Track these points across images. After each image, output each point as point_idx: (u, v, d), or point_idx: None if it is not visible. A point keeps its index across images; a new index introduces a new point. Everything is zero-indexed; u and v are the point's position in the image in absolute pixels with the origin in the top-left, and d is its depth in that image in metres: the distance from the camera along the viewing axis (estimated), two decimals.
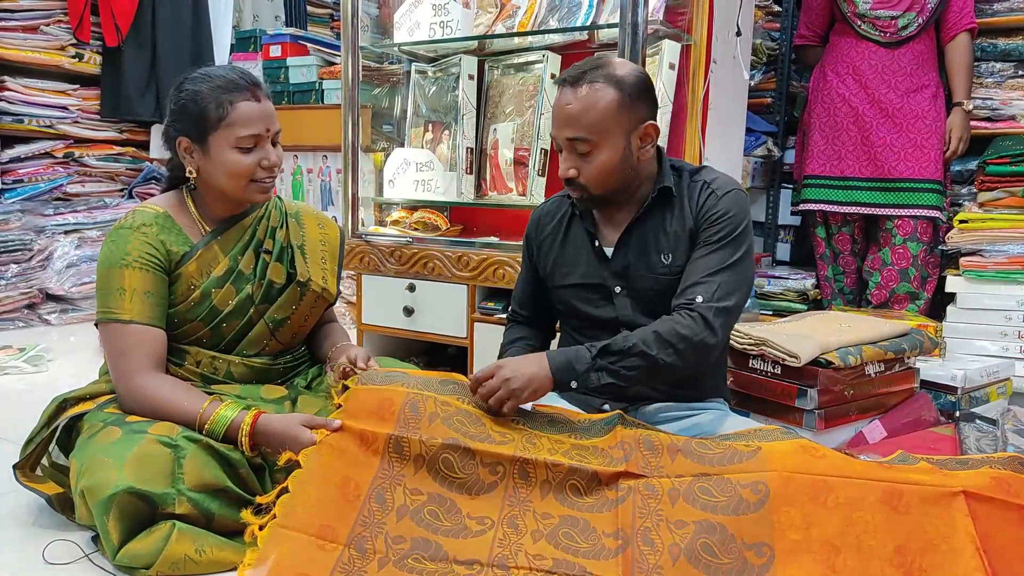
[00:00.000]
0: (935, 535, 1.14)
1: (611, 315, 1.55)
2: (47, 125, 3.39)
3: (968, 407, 2.04)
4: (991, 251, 2.59)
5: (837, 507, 1.17)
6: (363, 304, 2.49)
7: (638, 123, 1.46)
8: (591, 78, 1.44)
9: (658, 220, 1.53)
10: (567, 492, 1.27)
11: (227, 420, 1.37)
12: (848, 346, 1.80)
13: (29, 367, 2.56)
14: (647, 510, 1.23)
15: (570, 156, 1.47)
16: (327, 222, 1.76)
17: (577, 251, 1.59)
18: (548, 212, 1.68)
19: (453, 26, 2.38)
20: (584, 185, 1.48)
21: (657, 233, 1.52)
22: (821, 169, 2.83)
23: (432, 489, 1.28)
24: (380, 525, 1.23)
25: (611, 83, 1.43)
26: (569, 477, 1.27)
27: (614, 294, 1.55)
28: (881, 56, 2.69)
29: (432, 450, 1.29)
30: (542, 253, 1.65)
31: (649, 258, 1.52)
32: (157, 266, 1.48)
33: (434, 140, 2.58)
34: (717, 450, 1.27)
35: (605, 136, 1.44)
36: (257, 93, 1.49)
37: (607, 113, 1.43)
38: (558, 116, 1.47)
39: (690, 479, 1.24)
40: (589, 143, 1.44)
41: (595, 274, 1.56)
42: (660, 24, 2.07)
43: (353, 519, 1.23)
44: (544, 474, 1.28)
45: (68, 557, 1.31)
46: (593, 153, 1.45)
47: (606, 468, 1.27)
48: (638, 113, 1.46)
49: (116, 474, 1.24)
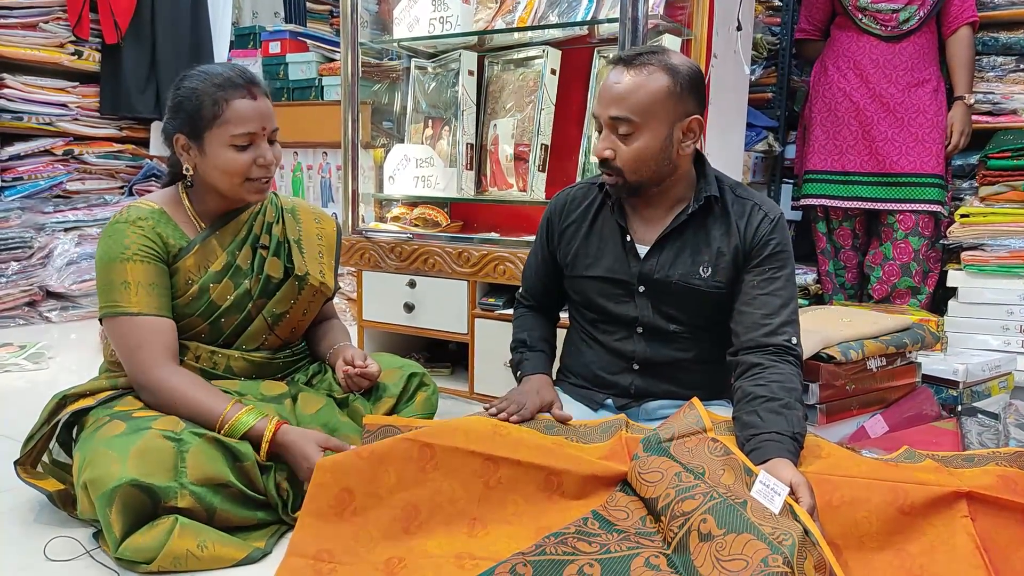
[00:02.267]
0: (935, 537, 1.14)
1: (631, 313, 1.54)
2: (47, 122, 3.39)
3: (970, 401, 2.04)
4: (992, 245, 2.58)
5: (841, 507, 1.17)
6: (364, 300, 2.48)
7: (684, 115, 1.44)
8: (646, 60, 1.43)
9: (701, 230, 1.51)
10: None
11: (247, 426, 1.39)
12: (849, 341, 1.80)
13: (30, 364, 2.56)
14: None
15: (609, 136, 1.45)
16: (324, 217, 1.75)
17: (603, 243, 1.57)
18: (575, 198, 1.63)
19: (453, 21, 2.37)
20: (619, 168, 1.46)
21: (699, 243, 1.51)
22: (822, 164, 2.83)
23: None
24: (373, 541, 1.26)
25: (665, 69, 1.42)
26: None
27: (636, 293, 1.53)
28: (882, 50, 2.69)
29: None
30: (564, 240, 1.62)
31: (687, 267, 1.50)
32: (157, 257, 1.48)
33: (434, 136, 2.58)
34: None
35: (649, 120, 1.42)
36: (253, 91, 1.49)
37: (656, 97, 1.41)
38: (605, 94, 1.45)
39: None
40: (632, 124, 1.42)
41: (621, 270, 1.54)
42: (660, 19, 2.07)
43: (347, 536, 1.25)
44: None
45: (69, 553, 1.31)
46: (633, 136, 1.43)
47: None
48: (685, 105, 1.44)
49: (119, 467, 1.24)
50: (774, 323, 1.43)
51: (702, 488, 1.14)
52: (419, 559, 1.19)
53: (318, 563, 1.19)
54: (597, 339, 1.60)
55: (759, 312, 1.44)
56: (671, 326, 1.53)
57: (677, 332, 1.54)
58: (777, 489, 1.10)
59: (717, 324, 1.53)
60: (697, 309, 1.52)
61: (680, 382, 1.56)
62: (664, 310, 1.53)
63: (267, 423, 1.40)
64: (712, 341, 1.55)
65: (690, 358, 1.55)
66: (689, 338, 1.54)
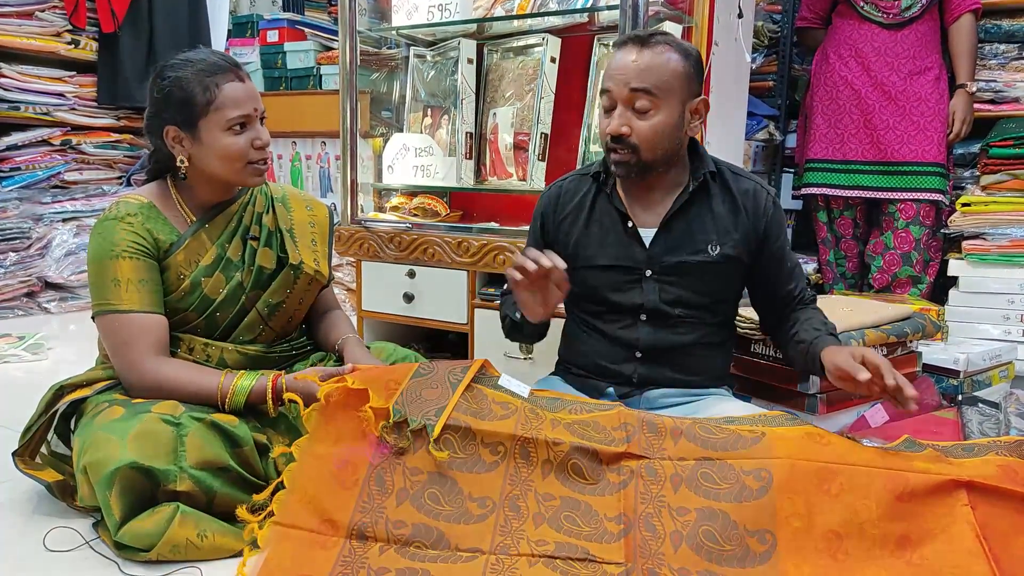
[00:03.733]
0: (934, 524, 1.14)
1: (636, 300, 1.54)
2: (44, 112, 3.37)
3: (971, 391, 2.04)
4: (994, 234, 2.57)
5: (841, 495, 1.17)
6: (363, 291, 2.48)
7: (693, 95, 1.48)
8: (661, 39, 1.46)
9: (705, 208, 1.53)
10: (568, 473, 1.26)
11: (247, 389, 1.42)
12: (851, 330, 1.79)
13: (28, 355, 2.56)
14: (649, 495, 1.22)
15: (625, 112, 1.45)
16: (315, 204, 1.74)
17: (604, 232, 1.56)
18: (568, 190, 1.63)
19: (452, 9, 2.35)
20: (635, 145, 1.45)
21: (703, 221, 1.53)
22: (823, 153, 2.81)
23: (432, 468, 1.26)
24: (380, 510, 1.22)
25: (678, 50, 1.46)
26: (570, 457, 1.26)
27: (644, 278, 1.53)
28: (884, 38, 2.67)
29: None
30: (561, 232, 1.60)
31: (695, 244, 1.52)
32: (147, 254, 1.47)
33: (433, 125, 2.57)
34: (721, 435, 1.26)
35: (668, 96, 1.44)
36: (240, 74, 1.48)
37: (675, 74, 1.44)
38: (620, 71, 1.44)
39: (693, 463, 1.23)
40: (652, 99, 1.43)
41: (626, 256, 1.54)
42: (661, 6, 2.05)
43: (352, 506, 1.22)
44: (545, 453, 1.27)
45: (69, 544, 1.31)
46: (652, 112, 1.44)
47: (607, 448, 1.26)
48: (694, 86, 1.48)
49: (119, 450, 1.24)
50: (796, 290, 1.61)
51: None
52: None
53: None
54: (598, 328, 1.59)
55: (785, 287, 1.60)
56: (676, 310, 1.53)
57: (681, 316, 1.54)
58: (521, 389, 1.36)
59: (721, 303, 1.57)
60: (705, 288, 1.53)
61: (682, 368, 1.56)
62: (671, 292, 1.53)
63: (266, 380, 1.44)
64: (715, 323, 1.57)
65: (692, 342, 1.55)
66: (693, 321, 1.55)
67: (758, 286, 1.62)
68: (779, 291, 1.60)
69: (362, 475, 1.25)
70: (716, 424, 1.30)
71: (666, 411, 1.52)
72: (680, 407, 1.54)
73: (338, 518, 1.21)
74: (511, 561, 1.17)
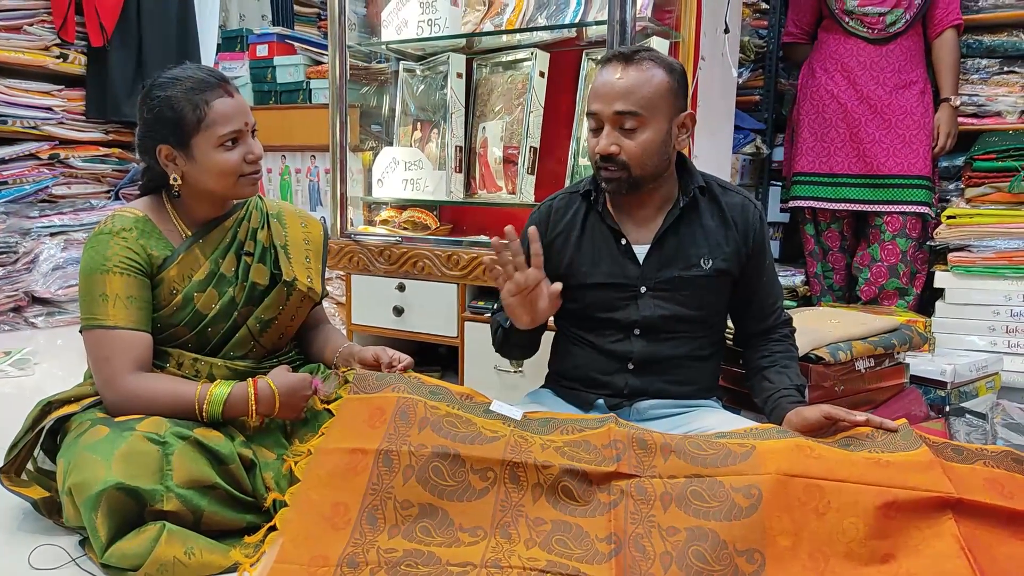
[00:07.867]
0: (920, 540, 1.14)
1: (632, 317, 1.54)
2: (32, 126, 3.35)
3: (958, 402, 2.05)
4: (979, 246, 2.60)
5: (828, 513, 1.17)
6: (352, 304, 2.47)
7: (679, 111, 1.49)
8: (644, 56, 1.46)
9: (695, 222, 1.55)
10: (559, 495, 1.26)
11: (223, 396, 1.41)
12: (838, 342, 1.80)
13: (15, 370, 2.53)
14: (639, 515, 1.22)
15: (612, 132, 1.46)
16: (310, 220, 1.74)
17: (597, 250, 1.57)
18: (558, 209, 1.63)
19: (441, 24, 2.36)
20: (624, 163, 1.46)
21: (694, 236, 1.54)
22: (810, 166, 2.84)
23: (423, 499, 1.25)
24: (371, 543, 1.22)
25: (662, 65, 1.46)
26: (560, 479, 1.26)
27: (639, 294, 1.54)
28: (869, 53, 2.70)
29: (421, 460, 1.27)
30: (553, 251, 1.60)
31: (688, 259, 1.53)
32: (138, 270, 1.46)
33: (423, 139, 2.57)
34: (711, 450, 1.26)
35: (654, 114, 1.45)
36: (228, 88, 1.48)
37: (660, 91, 1.45)
38: (605, 90, 1.45)
39: (683, 480, 1.23)
40: (638, 118, 1.44)
41: (621, 273, 1.54)
42: (648, 21, 2.07)
43: (344, 544, 1.22)
44: (535, 477, 1.27)
45: (55, 562, 1.30)
46: (639, 130, 1.45)
47: (597, 468, 1.26)
48: (680, 101, 1.49)
49: (104, 471, 1.23)
50: (777, 307, 1.63)
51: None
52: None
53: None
54: (591, 342, 1.59)
55: (766, 302, 1.61)
56: (670, 323, 1.54)
57: (675, 329, 1.55)
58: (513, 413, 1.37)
59: (714, 315, 1.58)
60: (699, 302, 1.54)
61: (673, 379, 1.56)
62: (666, 308, 1.53)
63: (245, 386, 1.43)
64: (705, 336, 1.58)
65: (684, 354, 1.56)
66: (684, 334, 1.56)
67: (740, 297, 1.62)
68: (758, 303, 1.61)
69: (353, 516, 1.24)
70: (706, 439, 1.31)
71: (656, 423, 1.52)
72: (670, 419, 1.54)
73: (329, 553, 1.21)
74: (502, 574, 1.17)
